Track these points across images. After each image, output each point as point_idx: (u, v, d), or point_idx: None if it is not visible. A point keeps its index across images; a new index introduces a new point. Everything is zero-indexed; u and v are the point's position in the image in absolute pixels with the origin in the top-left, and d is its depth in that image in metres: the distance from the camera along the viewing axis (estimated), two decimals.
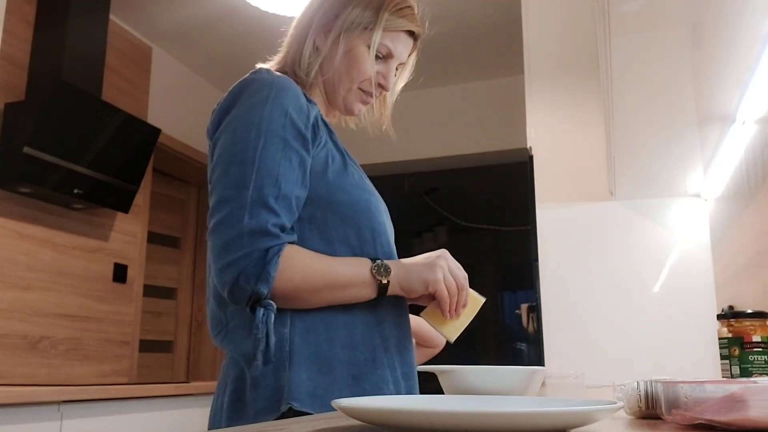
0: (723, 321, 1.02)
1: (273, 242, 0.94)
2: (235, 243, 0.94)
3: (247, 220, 0.94)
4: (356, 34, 1.11)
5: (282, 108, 0.99)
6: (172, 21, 3.49)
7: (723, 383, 0.55)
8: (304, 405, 0.94)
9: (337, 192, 1.03)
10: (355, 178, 1.07)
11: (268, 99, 1.00)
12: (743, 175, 1.68)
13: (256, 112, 0.99)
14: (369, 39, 1.11)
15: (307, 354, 0.97)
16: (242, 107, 1.01)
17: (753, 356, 0.97)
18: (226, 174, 0.97)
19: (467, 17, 3.45)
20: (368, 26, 1.11)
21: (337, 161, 1.06)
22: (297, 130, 1.00)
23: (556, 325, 2.37)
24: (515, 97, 3.45)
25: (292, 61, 1.13)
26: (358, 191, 1.05)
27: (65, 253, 3.03)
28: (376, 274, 0.99)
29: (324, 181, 1.02)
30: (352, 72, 1.12)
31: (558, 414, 0.46)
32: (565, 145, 2.53)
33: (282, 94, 1.01)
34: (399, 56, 1.15)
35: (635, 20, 1.35)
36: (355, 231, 1.03)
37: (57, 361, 2.93)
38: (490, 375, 0.80)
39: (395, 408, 0.48)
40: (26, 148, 2.62)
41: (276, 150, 0.97)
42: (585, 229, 2.43)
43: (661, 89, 1.60)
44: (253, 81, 1.03)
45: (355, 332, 1.01)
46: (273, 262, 0.93)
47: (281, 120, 0.99)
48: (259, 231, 0.94)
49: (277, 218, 0.95)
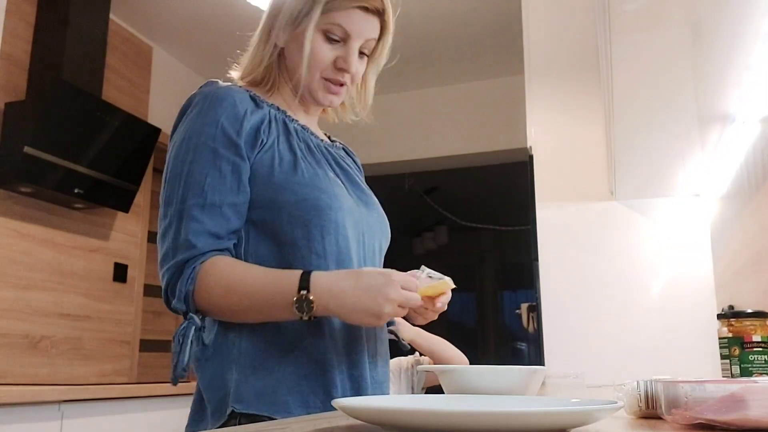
0: (723, 320, 1.02)
1: (189, 254, 0.96)
2: (165, 258, 0.98)
3: (173, 235, 0.98)
4: (300, 22, 1.07)
5: (214, 119, 1.01)
6: (172, 20, 3.49)
7: (723, 383, 0.55)
8: (249, 406, 0.94)
9: (284, 192, 1.01)
10: (305, 177, 1.02)
11: (201, 112, 1.03)
12: (743, 175, 1.68)
13: (191, 128, 1.02)
14: (320, 23, 1.06)
15: (254, 354, 0.98)
16: (183, 123, 1.05)
17: (753, 356, 0.97)
18: (163, 191, 1.02)
19: (467, 17, 3.45)
20: (309, 11, 1.06)
21: (286, 161, 1.03)
22: (228, 138, 1.01)
23: (556, 325, 2.37)
24: (515, 96, 3.45)
25: (251, 65, 1.15)
26: (306, 189, 1.01)
27: (66, 252, 3.03)
28: (297, 310, 0.92)
29: (270, 183, 1.01)
30: (307, 61, 1.08)
31: (558, 414, 0.46)
32: (565, 144, 2.53)
33: (216, 104, 1.03)
34: (358, 34, 1.08)
35: (636, 20, 1.35)
36: (303, 231, 1.00)
37: (58, 360, 2.94)
38: (490, 375, 0.80)
39: (395, 408, 0.48)
40: (26, 148, 2.61)
41: (205, 161, 0.99)
42: (585, 229, 2.43)
43: (662, 89, 1.60)
44: (196, 95, 1.07)
45: (304, 333, 0.99)
46: (185, 276, 0.96)
47: (212, 131, 1.01)
48: (181, 244, 0.97)
49: (201, 226, 0.97)
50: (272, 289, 0.94)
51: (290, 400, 0.95)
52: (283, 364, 0.97)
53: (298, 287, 0.92)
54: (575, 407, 0.47)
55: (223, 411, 0.96)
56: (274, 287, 0.94)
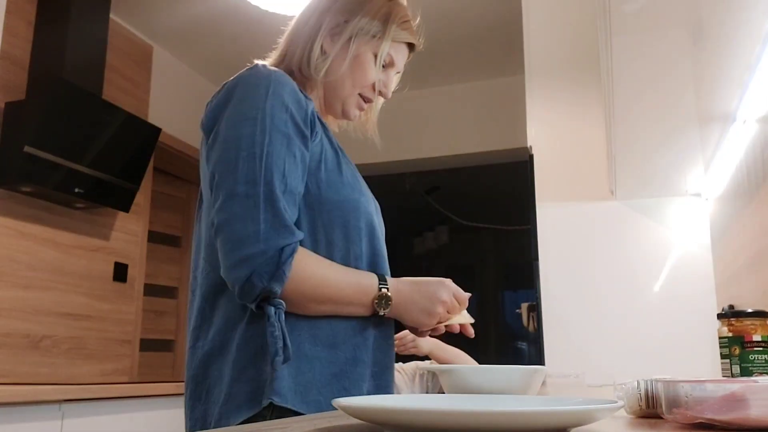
0: (723, 320, 1.02)
1: (289, 239, 0.94)
2: (251, 239, 0.92)
3: (264, 216, 0.93)
4: (365, 41, 1.13)
5: (282, 103, 0.99)
6: (172, 20, 3.49)
7: (723, 382, 0.55)
8: (285, 400, 0.94)
9: (328, 190, 1.02)
10: (347, 177, 1.06)
11: (267, 94, 0.99)
12: (744, 175, 1.68)
13: (257, 107, 0.98)
14: (377, 48, 1.14)
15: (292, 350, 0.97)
16: (241, 102, 1.00)
17: (753, 355, 0.97)
18: (234, 170, 0.95)
19: (467, 17, 3.45)
20: (377, 35, 1.13)
21: (331, 159, 1.05)
22: (296, 125, 0.99)
23: (556, 324, 2.37)
24: (516, 96, 3.45)
25: (298, 60, 1.13)
26: (348, 190, 1.04)
27: (66, 252, 3.03)
28: (376, 306, 1.01)
29: (316, 178, 1.02)
30: (357, 77, 1.13)
31: (558, 413, 0.46)
32: (565, 144, 2.53)
33: (280, 88, 1.00)
34: (398, 66, 1.18)
35: (636, 20, 1.35)
36: (342, 231, 1.02)
37: (58, 360, 2.94)
38: (491, 374, 0.80)
39: (395, 407, 0.48)
40: (27, 148, 2.62)
41: (281, 146, 0.97)
42: (585, 229, 2.43)
43: (662, 88, 1.60)
44: (250, 75, 1.02)
45: (338, 331, 1.01)
46: (288, 261, 0.93)
47: (283, 116, 0.98)
48: (274, 227, 0.93)
49: (289, 212, 0.96)
50: (356, 286, 1.01)
51: (321, 399, 0.97)
52: (315, 362, 0.98)
53: (378, 286, 1.01)
54: (575, 407, 0.47)
55: (257, 401, 0.95)
56: (357, 285, 1.01)
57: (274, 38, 1.21)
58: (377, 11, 1.14)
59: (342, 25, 1.13)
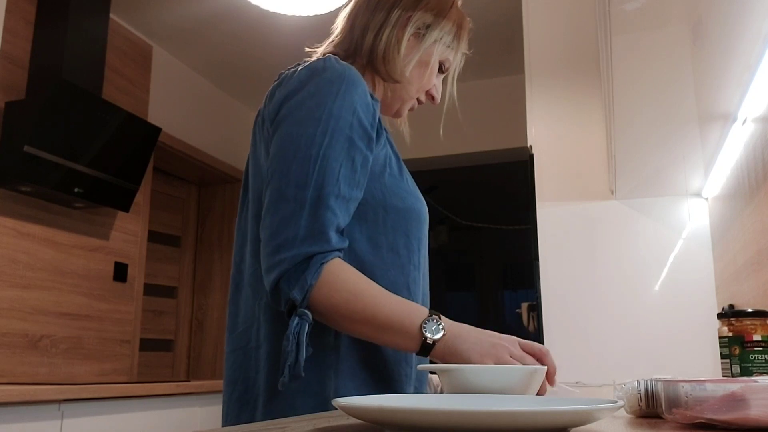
0: (723, 320, 1.02)
1: (320, 247, 0.89)
2: (288, 244, 0.89)
3: (304, 222, 0.90)
4: (442, 50, 1.13)
5: (351, 105, 0.95)
6: (172, 20, 3.49)
7: (723, 382, 0.55)
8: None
9: (392, 197, 1.00)
10: (409, 184, 1.04)
11: (338, 94, 0.95)
12: (744, 174, 1.68)
13: (324, 106, 0.94)
14: (446, 56, 1.15)
15: (352, 364, 0.95)
16: (311, 97, 0.95)
17: (753, 355, 0.97)
18: (288, 170, 0.92)
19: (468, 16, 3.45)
20: (451, 45, 1.14)
21: (394, 164, 1.03)
22: (363, 129, 0.96)
23: (556, 324, 2.37)
24: (516, 95, 3.45)
25: (370, 54, 1.09)
26: (411, 198, 1.02)
27: (66, 252, 3.03)
28: (424, 329, 0.90)
29: (380, 184, 0.99)
30: (424, 83, 1.14)
31: (558, 413, 0.46)
32: (565, 143, 2.53)
33: (352, 89, 0.96)
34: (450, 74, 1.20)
35: (636, 19, 1.35)
36: (404, 240, 1.00)
37: (58, 359, 2.94)
38: (491, 374, 0.80)
39: (395, 407, 0.48)
40: (26, 147, 2.62)
41: (341, 149, 0.93)
42: (585, 228, 2.43)
43: (662, 88, 1.60)
44: (324, 69, 0.97)
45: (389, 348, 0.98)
46: (313, 269, 0.88)
47: (349, 118, 0.94)
48: (315, 233, 0.90)
49: (335, 219, 0.91)
50: (398, 308, 0.91)
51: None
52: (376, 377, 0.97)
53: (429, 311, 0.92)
54: (575, 406, 0.46)
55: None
56: (400, 307, 0.91)
57: (274, 38, 1.21)
58: (454, 21, 1.14)
59: (424, 29, 1.11)
